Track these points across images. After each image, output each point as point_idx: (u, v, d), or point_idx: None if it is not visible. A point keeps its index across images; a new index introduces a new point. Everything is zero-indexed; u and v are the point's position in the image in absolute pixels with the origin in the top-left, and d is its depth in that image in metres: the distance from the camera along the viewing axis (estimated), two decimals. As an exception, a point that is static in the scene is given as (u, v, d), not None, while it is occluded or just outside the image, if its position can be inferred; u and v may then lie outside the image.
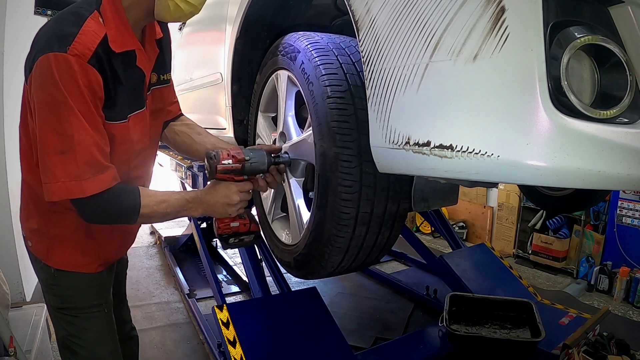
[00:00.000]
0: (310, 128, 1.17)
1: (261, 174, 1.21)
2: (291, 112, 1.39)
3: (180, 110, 1.41)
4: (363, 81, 1.10)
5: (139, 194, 1.05)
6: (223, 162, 1.10)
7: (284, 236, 1.47)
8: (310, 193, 1.24)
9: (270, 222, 1.54)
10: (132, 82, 1.09)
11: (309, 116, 1.18)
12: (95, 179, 0.97)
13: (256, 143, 1.64)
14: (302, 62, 1.19)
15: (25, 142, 1.12)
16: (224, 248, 1.25)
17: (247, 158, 1.13)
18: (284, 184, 1.41)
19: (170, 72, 1.31)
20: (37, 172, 1.05)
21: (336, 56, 1.15)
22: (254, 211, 1.60)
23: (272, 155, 1.22)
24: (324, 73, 1.11)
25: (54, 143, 0.94)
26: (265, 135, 1.58)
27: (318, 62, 1.14)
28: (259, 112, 1.62)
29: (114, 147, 1.06)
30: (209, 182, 1.18)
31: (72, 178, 0.95)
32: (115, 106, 1.04)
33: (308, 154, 1.22)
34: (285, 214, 1.54)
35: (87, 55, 0.94)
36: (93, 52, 0.94)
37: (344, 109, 1.07)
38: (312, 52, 1.17)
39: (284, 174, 1.32)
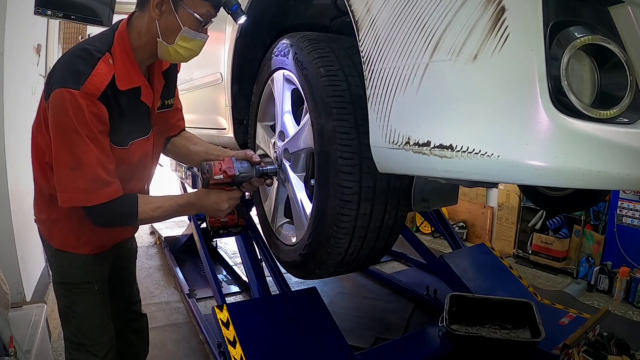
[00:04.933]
0: (307, 115, 1.20)
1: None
2: (288, 109, 1.41)
3: (183, 127, 1.53)
4: (355, 62, 1.14)
5: (136, 202, 1.20)
6: (215, 177, 1.24)
7: (288, 238, 1.48)
8: (312, 180, 1.25)
9: (274, 229, 1.56)
10: (135, 114, 1.23)
11: (305, 101, 1.21)
12: (100, 192, 1.13)
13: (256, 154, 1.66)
14: (295, 53, 1.24)
15: (38, 138, 1.23)
16: (213, 237, 1.42)
17: (236, 174, 1.26)
18: (286, 185, 1.42)
19: (174, 96, 1.44)
20: (42, 167, 1.23)
21: (327, 44, 1.20)
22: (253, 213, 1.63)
23: (260, 167, 1.33)
24: (316, 57, 1.16)
25: (67, 160, 1.10)
26: (264, 145, 1.60)
27: (310, 48, 1.19)
28: (258, 122, 1.65)
29: (116, 165, 1.21)
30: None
31: (80, 190, 1.12)
32: (118, 134, 1.19)
33: (307, 141, 1.24)
34: (288, 219, 1.55)
35: (97, 94, 1.08)
36: (102, 92, 1.09)
37: (338, 85, 1.11)
38: (304, 42, 1.23)
39: (288, 172, 1.39)
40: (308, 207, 1.29)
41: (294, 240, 1.42)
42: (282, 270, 1.78)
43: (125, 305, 1.60)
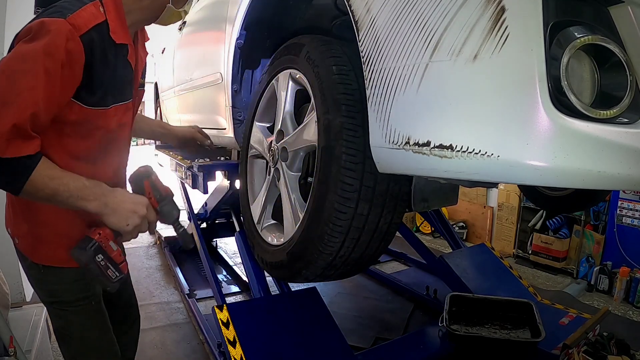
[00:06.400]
0: (313, 112, 1.22)
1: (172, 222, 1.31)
2: (290, 109, 1.42)
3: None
4: None
5: (38, 159, 0.94)
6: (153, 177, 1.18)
7: (275, 239, 1.47)
8: (309, 178, 1.25)
9: (259, 230, 1.56)
10: (120, 74, 1.10)
11: (313, 97, 1.22)
12: (16, 144, 0.90)
13: (249, 154, 1.68)
14: (308, 51, 1.27)
15: None
16: (82, 262, 1.05)
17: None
18: (278, 184, 1.42)
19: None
20: None
21: (340, 46, 1.23)
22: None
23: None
24: (329, 55, 1.19)
25: (4, 88, 0.89)
26: (259, 145, 1.61)
27: (323, 48, 1.22)
28: (255, 122, 1.65)
29: (89, 131, 1.07)
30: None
31: (1, 133, 0.88)
32: (97, 92, 1.03)
33: (310, 137, 1.25)
34: (276, 221, 1.54)
35: (82, 30, 0.95)
36: (87, 30, 0.96)
37: (349, 84, 1.13)
38: (317, 41, 1.26)
39: (283, 171, 1.39)
40: (301, 206, 1.30)
41: (282, 240, 1.41)
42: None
43: (126, 310, 1.51)
